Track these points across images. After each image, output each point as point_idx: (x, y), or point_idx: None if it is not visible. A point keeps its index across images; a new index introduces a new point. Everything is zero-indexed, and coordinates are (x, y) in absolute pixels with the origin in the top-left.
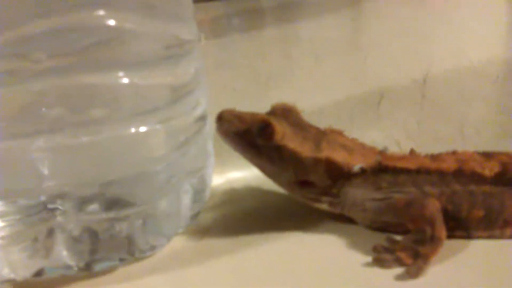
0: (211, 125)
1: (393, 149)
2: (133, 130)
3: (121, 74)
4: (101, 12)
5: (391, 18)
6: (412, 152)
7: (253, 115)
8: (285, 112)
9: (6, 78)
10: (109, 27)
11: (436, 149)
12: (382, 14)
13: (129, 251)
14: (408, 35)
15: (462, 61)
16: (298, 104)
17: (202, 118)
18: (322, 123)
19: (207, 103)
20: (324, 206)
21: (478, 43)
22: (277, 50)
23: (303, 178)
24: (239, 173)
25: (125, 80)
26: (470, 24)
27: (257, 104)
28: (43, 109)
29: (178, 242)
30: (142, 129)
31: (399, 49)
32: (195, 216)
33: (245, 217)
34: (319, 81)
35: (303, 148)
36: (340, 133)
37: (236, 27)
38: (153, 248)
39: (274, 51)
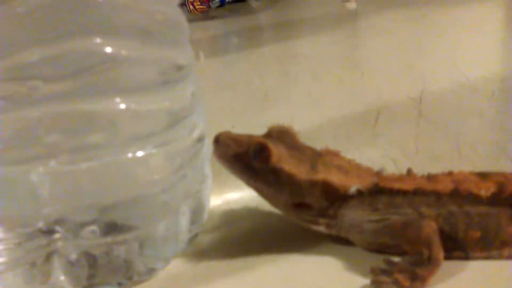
0: (208, 146)
1: (390, 167)
2: (130, 154)
3: (117, 100)
4: (98, 40)
5: (387, 36)
6: (409, 171)
7: (249, 137)
8: (281, 134)
9: (3, 104)
10: (106, 54)
11: (433, 166)
12: (378, 31)
13: (127, 275)
14: (404, 53)
15: (458, 78)
16: (295, 122)
17: (200, 140)
18: (319, 141)
19: (205, 124)
20: (321, 228)
21: (473, 60)
22: (275, 68)
23: (299, 200)
24: (237, 194)
25: (122, 106)
26: (465, 41)
27: (254, 122)
28: (41, 135)
29: (177, 265)
30: (140, 153)
31: (395, 66)
32: (193, 238)
33: (243, 239)
34: (316, 98)
35: (299, 171)
36: (336, 154)
37: (234, 45)
38: (151, 271)
39: (272, 69)
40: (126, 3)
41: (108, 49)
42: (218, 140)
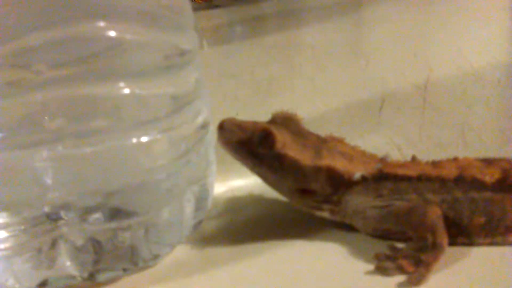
0: (213, 133)
1: (395, 154)
2: (134, 140)
3: (122, 84)
4: (102, 24)
5: (392, 24)
6: (413, 158)
7: (254, 124)
8: (286, 121)
9: (8, 89)
10: (110, 38)
11: (438, 154)
12: (383, 19)
13: (132, 260)
14: (409, 40)
15: (464, 66)
16: (299, 110)
17: (204, 126)
18: (323, 129)
19: (209, 111)
20: (325, 214)
21: (479, 48)
22: (279, 57)
23: (304, 186)
24: (242, 181)
25: (126, 90)
26: (471, 29)
27: (258, 111)
28: (45, 119)
29: (181, 251)
30: (144, 138)
31: (400, 55)
32: (197, 224)
33: (247, 226)
34: (321, 87)
35: (304, 156)
36: (340, 141)
37: (238, 34)
38: (156, 257)
39: (276, 58)
40: None
41: (113, 33)
42: (222, 126)
